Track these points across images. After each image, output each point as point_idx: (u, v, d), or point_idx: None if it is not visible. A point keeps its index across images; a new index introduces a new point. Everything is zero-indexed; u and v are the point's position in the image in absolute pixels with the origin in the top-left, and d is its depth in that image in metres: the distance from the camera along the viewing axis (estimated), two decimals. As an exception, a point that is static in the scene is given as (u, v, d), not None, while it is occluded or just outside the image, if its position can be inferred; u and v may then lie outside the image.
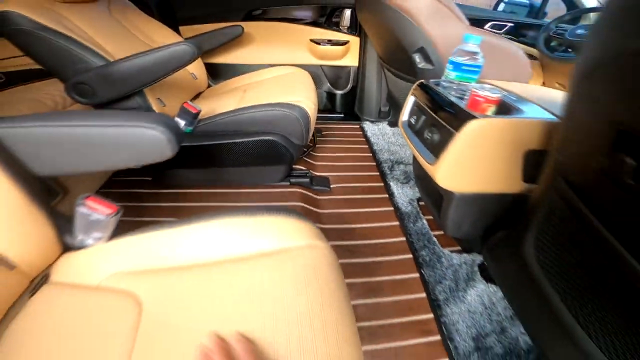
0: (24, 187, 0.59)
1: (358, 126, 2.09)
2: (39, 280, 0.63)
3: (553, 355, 0.69)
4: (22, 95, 1.35)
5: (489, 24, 2.06)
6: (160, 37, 1.54)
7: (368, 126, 2.07)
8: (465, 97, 0.86)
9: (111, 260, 0.64)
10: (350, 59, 2.08)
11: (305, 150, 1.68)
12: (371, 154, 1.75)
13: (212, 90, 1.66)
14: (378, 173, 1.59)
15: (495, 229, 0.95)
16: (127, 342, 0.50)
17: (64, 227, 0.66)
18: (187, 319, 0.51)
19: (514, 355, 0.90)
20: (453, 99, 0.87)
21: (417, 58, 1.29)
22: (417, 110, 1.00)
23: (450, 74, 0.92)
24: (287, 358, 0.45)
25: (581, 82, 0.50)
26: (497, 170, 0.84)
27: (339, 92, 2.17)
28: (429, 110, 0.92)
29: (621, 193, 0.45)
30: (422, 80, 1.02)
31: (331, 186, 1.46)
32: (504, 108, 0.81)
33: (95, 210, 0.64)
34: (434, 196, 1.04)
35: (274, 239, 0.61)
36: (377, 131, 2.00)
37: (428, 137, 0.89)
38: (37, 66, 1.56)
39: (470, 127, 0.76)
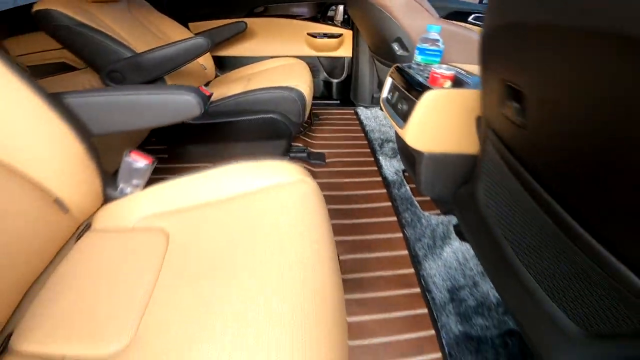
0: (84, 145, 0.75)
1: (353, 111, 2.29)
2: (83, 228, 0.77)
3: (504, 294, 0.82)
4: (53, 85, 1.53)
5: (472, 16, 2.23)
6: (172, 32, 1.75)
7: (362, 111, 2.26)
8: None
9: (143, 206, 0.80)
10: (345, 51, 2.28)
11: (302, 129, 1.89)
12: (363, 134, 1.96)
13: (219, 79, 1.87)
14: (369, 150, 1.80)
15: (463, 189, 1.13)
16: (156, 265, 0.64)
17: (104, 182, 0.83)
18: (204, 243, 0.65)
19: (485, 308, 1.02)
20: (419, 77, 1.07)
21: (396, 47, 1.49)
22: (393, 88, 1.20)
23: (417, 57, 1.12)
24: (281, 266, 0.58)
25: (482, 51, 0.70)
26: (457, 133, 1.04)
27: (335, 81, 2.36)
28: (401, 87, 1.12)
29: (517, 128, 0.65)
30: (398, 64, 1.22)
31: (326, 160, 1.66)
32: (458, 83, 1.01)
33: (137, 160, 0.84)
34: (410, 161, 1.24)
35: (272, 177, 0.79)
36: (370, 115, 2.19)
37: (400, 108, 1.09)
38: (56, 61, 1.76)
39: (427, 96, 0.97)
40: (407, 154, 1.26)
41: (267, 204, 0.72)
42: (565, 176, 0.55)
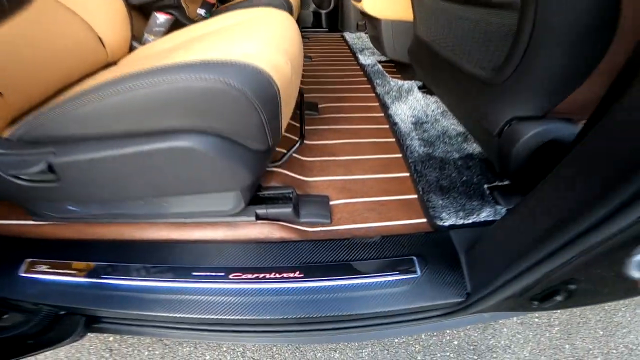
0: (126, 8, 1.17)
1: (340, 35, 2.70)
2: (111, 65, 1.10)
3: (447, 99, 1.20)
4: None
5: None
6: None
7: (348, 35, 2.69)
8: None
9: (162, 44, 1.07)
10: (330, -15, 2.68)
11: None
12: (347, 47, 2.39)
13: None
14: (351, 54, 2.21)
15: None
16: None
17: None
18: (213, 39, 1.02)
19: (446, 137, 1.25)
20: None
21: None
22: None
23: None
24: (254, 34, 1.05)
25: None
26: (402, 4, 1.42)
27: (323, 12, 2.77)
28: None
29: None
30: None
31: (313, 60, 2.08)
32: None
33: (162, 14, 1.26)
34: (376, 36, 1.64)
35: (261, 11, 1.21)
36: (355, 37, 2.64)
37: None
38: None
39: None
40: (374, 35, 1.67)
41: (256, 21, 1.09)
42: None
